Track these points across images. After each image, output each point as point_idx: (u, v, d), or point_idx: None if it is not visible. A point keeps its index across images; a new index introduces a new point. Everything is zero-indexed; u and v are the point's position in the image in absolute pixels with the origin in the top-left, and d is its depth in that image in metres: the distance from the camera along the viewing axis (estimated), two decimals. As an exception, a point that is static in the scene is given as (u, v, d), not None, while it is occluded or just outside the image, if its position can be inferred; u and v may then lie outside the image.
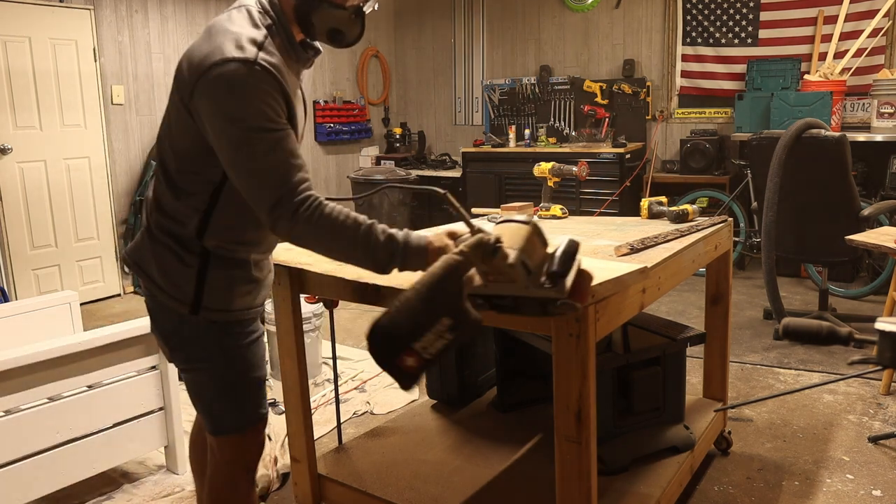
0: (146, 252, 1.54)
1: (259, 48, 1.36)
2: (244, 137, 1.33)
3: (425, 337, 1.19)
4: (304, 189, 1.37)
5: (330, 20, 1.45)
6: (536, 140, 6.47)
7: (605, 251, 1.98)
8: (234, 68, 1.32)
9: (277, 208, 1.35)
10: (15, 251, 4.66)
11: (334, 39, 1.49)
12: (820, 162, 3.69)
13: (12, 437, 2.13)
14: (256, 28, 1.40)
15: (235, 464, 1.62)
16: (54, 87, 4.79)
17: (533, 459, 2.26)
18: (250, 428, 1.61)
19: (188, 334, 1.54)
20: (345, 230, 1.37)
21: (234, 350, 1.56)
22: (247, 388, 1.59)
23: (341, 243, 1.39)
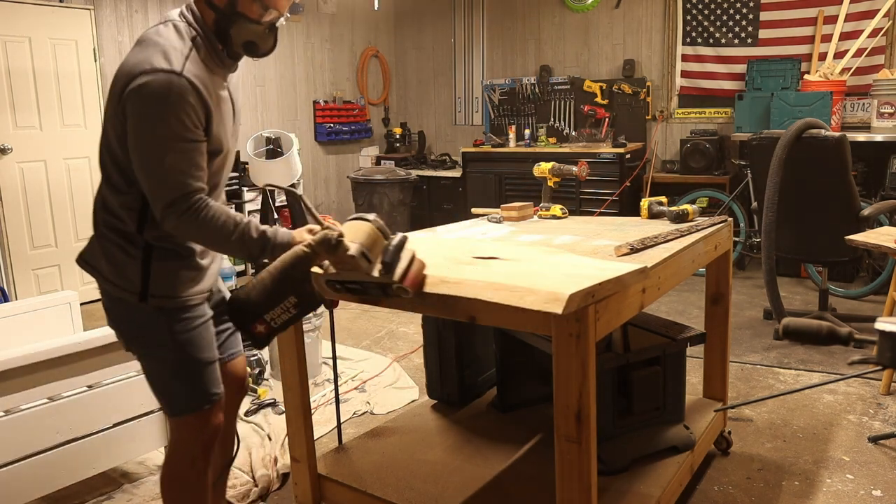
0: (96, 251, 1.68)
1: (185, 60, 1.52)
2: (158, 142, 1.49)
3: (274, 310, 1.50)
4: (196, 195, 1.54)
5: (246, 34, 1.61)
6: (536, 140, 6.47)
7: (605, 251, 1.98)
8: (161, 78, 1.48)
9: (169, 208, 1.52)
10: (15, 251, 4.66)
11: (249, 51, 1.65)
12: (820, 162, 3.69)
13: (12, 437, 2.13)
14: (182, 41, 1.56)
15: (193, 443, 1.73)
16: (54, 87, 4.79)
17: (533, 459, 2.26)
18: (205, 408, 1.72)
19: (140, 322, 1.67)
20: (223, 231, 1.55)
21: (184, 334, 1.66)
22: (198, 370, 1.70)
23: (219, 241, 1.57)
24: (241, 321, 1.54)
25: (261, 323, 1.53)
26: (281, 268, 1.50)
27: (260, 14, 1.60)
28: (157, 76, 1.48)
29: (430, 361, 2.78)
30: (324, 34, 6.81)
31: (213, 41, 1.61)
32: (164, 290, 1.63)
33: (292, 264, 1.49)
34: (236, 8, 1.58)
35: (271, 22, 1.63)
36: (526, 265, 1.78)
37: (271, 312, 1.51)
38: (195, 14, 1.62)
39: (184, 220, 1.52)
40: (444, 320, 2.66)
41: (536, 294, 1.44)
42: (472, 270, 1.68)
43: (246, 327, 1.54)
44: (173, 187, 1.51)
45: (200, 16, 1.61)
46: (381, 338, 4.16)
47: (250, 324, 1.53)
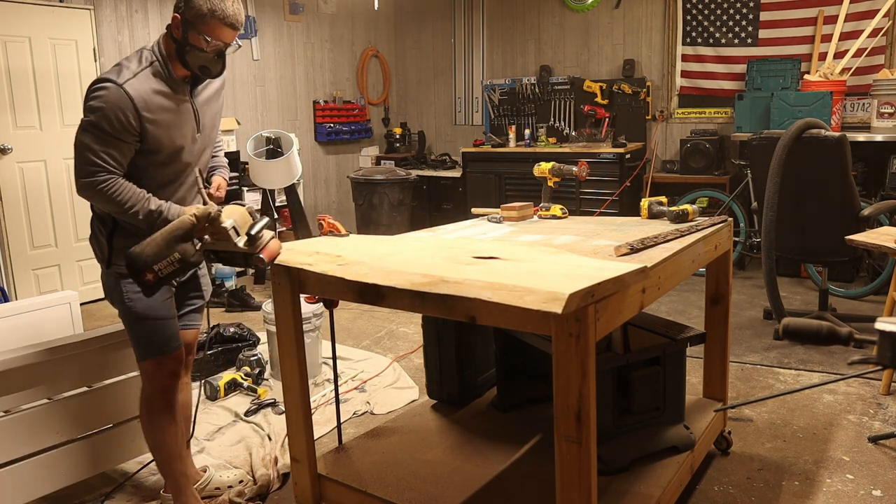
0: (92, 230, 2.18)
1: (132, 76, 1.95)
2: (89, 128, 1.92)
3: (161, 263, 1.84)
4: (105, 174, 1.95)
5: (198, 60, 2.01)
6: (536, 140, 6.47)
7: (605, 251, 1.98)
8: (106, 86, 1.93)
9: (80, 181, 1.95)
10: (15, 251, 4.66)
11: (203, 72, 2.05)
12: (820, 162, 3.69)
13: (12, 437, 2.13)
14: (139, 64, 1.99)
15: (151, 384, 2.16)
16: (54, 87, 4.79)
17: (533, 459, 2.26)
18: (157, 357, 2.13)
19: (110, 283, 2.14)
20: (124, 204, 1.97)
21: (134, 294, 2.09)
22: (152, 325, 2.12)
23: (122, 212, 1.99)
24: (136, 270, 1.85)
25: (150, 272, 1.85)
26: (170, 230, 1.88)
27: (205, 44, 1.98)
28: (105, 84, 1.92)
29: (430, 361, 2.78)
30: (324, 34, 6.81)
31: (169, 67, 2.03)
32: (120, 260, 2.01)
33: (179, 227, 1.88)
34: (188, 40, 1.98)
35: (217, 51, 2.01)
36: (526, 265, 1.78)
37: (159, 264, 1.85)
38: (159, 45, 2.05)
39: (92, 192, 1.95)
40: (444, 320, 2.65)
41: (536, 294, 1.44)
42: (472, 270, 1.68)
43: (138, 276, 1.85)
44: (84, 162, 1.93)
45: (164, 47, 2.04)
46: (381, 338, 4.16)
47: (142, 273, 1.85)
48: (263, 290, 5.20)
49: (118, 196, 1.98)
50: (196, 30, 1.96)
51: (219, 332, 3.68)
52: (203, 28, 1.95)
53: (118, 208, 1.99)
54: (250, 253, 1.91)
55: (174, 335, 2.17)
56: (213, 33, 1.96)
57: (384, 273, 1.73)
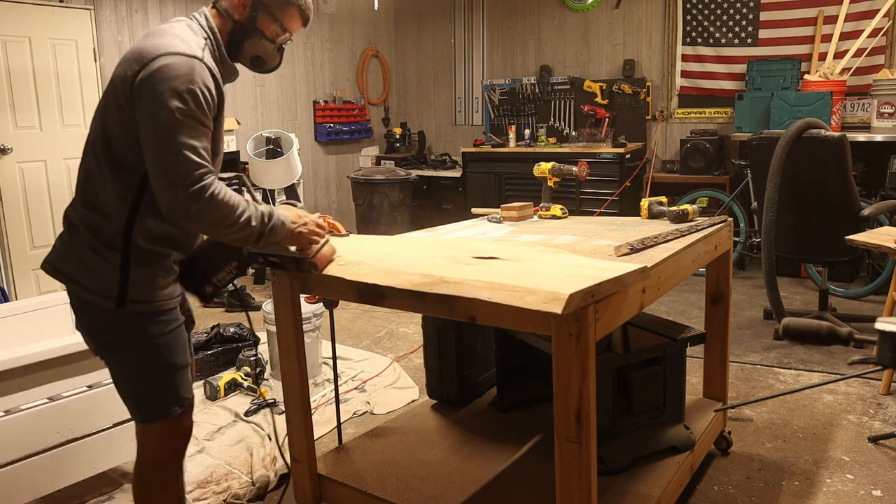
0: (68, 255, 1.66)
1: (202, 50, 1.58)
2: (176, 121, 1.48)
3: (219, 273, 1.76)
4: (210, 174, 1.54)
5: (257, 49, 1.70)
6: (536, 140, 6.47)
7: (605, 251, 1.98)
8: (180, 60, 1.51)
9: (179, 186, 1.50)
10: (15, 251, 4.66)
11: (255, 65, 1.74)
12: (820, 162, 3.69)
13: (12, 437, 2.13)
14: (196, 36, 1.61)
15: (164, 448, 1.74)
16: (54, 87, 4.79)
17: (533, 459, 2.26)
18: (176, 412, 1.72)
19: (114, 327, 1.66)
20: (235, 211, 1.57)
21: (160, 338, 1.67)
22: (172, 375, 1.70)
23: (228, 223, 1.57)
24: (192, 282, 1.75)
25: (209, 284, 1.76)
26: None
27: (276, 34, 1.70)
28: (178, 58, 1.51)
29: (430, 361, 2.78)
30: (324, 34, 6.81)
31: (221, 49, 1.67)
32: (142, 294, 1.63)
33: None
34: (255, 24, 1.67)
35: (281, 43, 1.74)
36: (526, 265, 1.78)
37: (218, 275, 1.76)
38: (207, 20, 1.68)
39: (202, 204, 1.51)
40: (444, 320, 2.65)
41: (536, 294, 1.44)
42: (472, 270, 1.68)
43: (197, 287, 1.75)
44: (189, 164, 1.50)
45: (214, 24, 1.68)
46: (381, 338, 4.16)
47: (201, 285, 1.76)
48: (263, 290, 5.20)
49: (230, 201, 1.56)
50: (270, 14, 1.67)
51: (219, 332, 3.68)
52: (279, 13, 1.68)
53: (226, 220, 1.57)
54: (302, 258, 1.79)
55: (190, 382, 1.79)
56: (289, 22, 1.70)
57: (384, 273, 1.73)
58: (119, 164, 1.59)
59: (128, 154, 1.58)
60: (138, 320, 1.64)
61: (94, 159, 1.63)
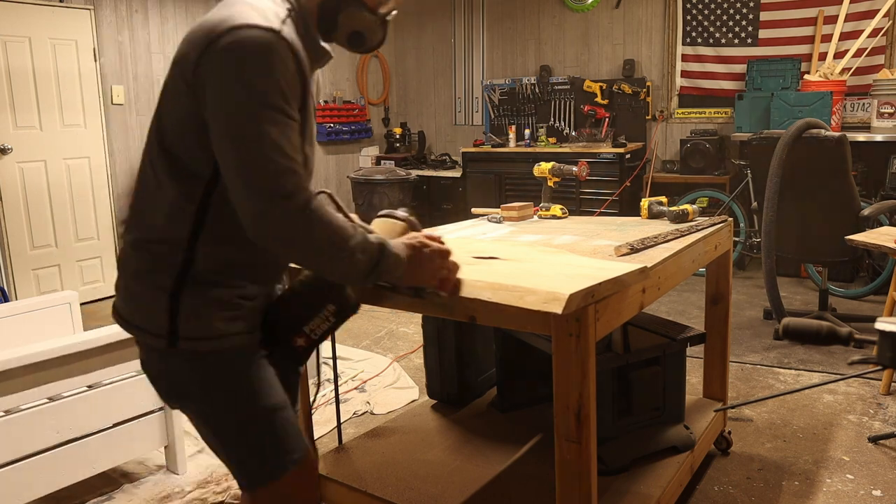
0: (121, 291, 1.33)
1: (281, 23, 1.21)
2: (252, 112, 1.15)
3: (313, 321, 1.34)
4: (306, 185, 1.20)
5: (356, 22, 1.34)
6: (536, 140, 6.47)
7: (605, 251, 1.98)
8: (257, 34, 1.16)
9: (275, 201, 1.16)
10: (15, 251, 4.66)
11: (353, 42, 1.38)
12: (820, 162, 3.69)
13: (12, 437, 2.13)
14: (275, 5, 1.25)
15: None
16: (54, 87, 4.79)
17: (533, 459, 2.26)
18: (290, 470, 1.32)
19: (175, 372, 1.30)
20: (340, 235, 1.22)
21: (234, 382, 1.30)
22: (266, 424, 1.31)
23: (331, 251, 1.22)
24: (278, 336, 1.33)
25: (300, 336, 1.33)
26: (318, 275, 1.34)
27: (378, 3, 1.35)
28: (252, 32, 1.16)
29: (430, 361, 2.78)
30: (324, 34, 6.81)
31: (308, 24, 1.31)
32: (197, 330, 1.26)
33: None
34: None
35: (386, 13, 1.38)
36: (526, 265, 1.78)
37: (311, 323, 1.33)
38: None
39: (294, 217, 1.17)
40: (444, 320, 2.65)
41: (536, 294, 1.44)
42: (472, 270, 1.68)
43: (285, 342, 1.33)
44: (280, 173, 1.16)
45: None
46: (381, 338, 4.16)
47: (290, 337, 1.33)
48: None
49: (336, 222, 1.21)
50: None
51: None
52: None
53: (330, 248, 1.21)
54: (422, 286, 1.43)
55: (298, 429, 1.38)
56: None
57: (384, 273, 1.73)
58: (177, 167, 1.25)
59: (188, 154, 1.24)
60: (201, 362, 1.28)
61: (149, 166, 1.30)
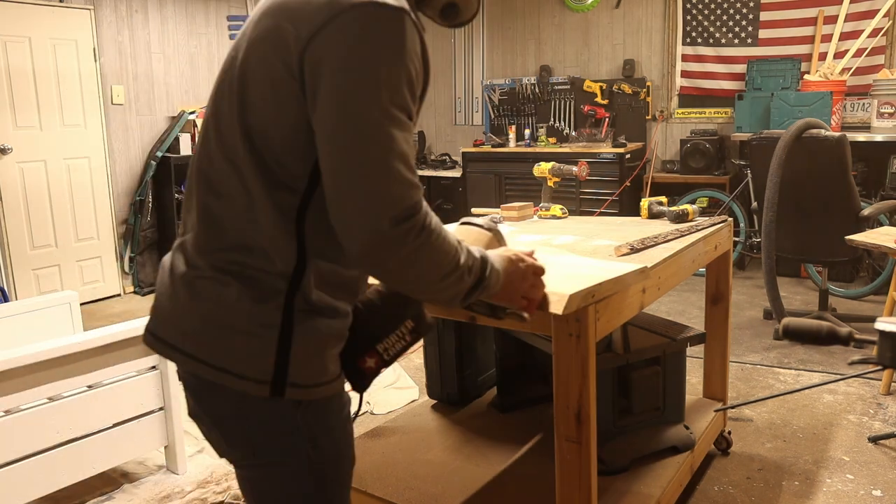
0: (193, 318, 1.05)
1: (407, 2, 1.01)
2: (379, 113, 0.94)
3: (389, 338, 1.15)
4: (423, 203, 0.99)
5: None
6: (536, 140, 6.47)
7: (605, 251, 1.98)
8: (385, 12, 0.95)
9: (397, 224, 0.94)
10: (15, 251, 4.66)
11: (447, 16, 1.24)
12: (820, 162, 3.69)
13: (12, 437, 2.13)
14: None
15: None
16: (54, 87, 4.79)
17: (533, 459, 2.26)
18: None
19: (261, 419, 1.07)
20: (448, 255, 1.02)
21: (330, 434, 1.12)
22: (343, 483, 1.17)
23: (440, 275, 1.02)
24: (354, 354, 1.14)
25: (371, 356, 1.15)
26: None
27: None
28: (384, 12, 0.95)
29: (430, 361, 2.78)
30: (324, 34, 6.81)
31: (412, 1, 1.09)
32: (311, 375, 1.06)
33: None
34: None
35: None
36: (526, 265, 1.77)
37: (385, 341, 1.15)
38: None
39: (410, 238, 0.96)
40: (444, 320, 2.65)
41: (536, 294, 1.44)
42: (472, 270, 1.68)
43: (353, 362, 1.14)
44: (401, 185, 0.95)
45: None
46: (381, 338, 4.16)
47: (360, 357, 1.15)
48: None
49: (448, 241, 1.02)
50: None
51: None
52: None
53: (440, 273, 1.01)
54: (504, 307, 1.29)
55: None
56: None
57: (384, 273, 1.73)
58: (274, 178, 1.02)
59: (290, 163, 1.02)
60: (300, 410, 1.07)
61: (234, 177, 1.04)
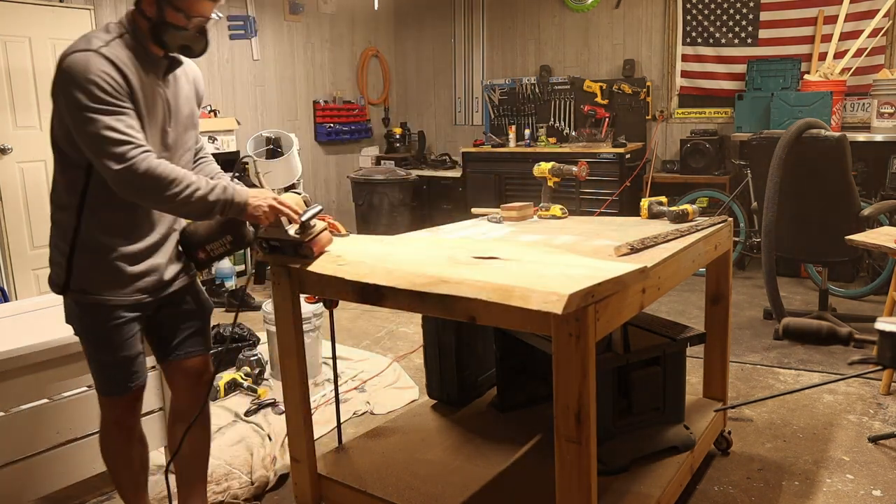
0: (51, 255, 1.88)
1: (104, 45, 1.69)
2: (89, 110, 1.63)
3: (213, 244, 1.91)
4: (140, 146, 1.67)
5: (178, 39, 1.77)
6: (536, 140, 6.47)
7: (605, 251, 1.98)
8: (78, 56, 1.66)
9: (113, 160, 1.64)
10: (15, 251, 4.66)
11: (185, 53, 1.83)
12: (820, 162, 3.69)
13: (12, 437, 2.13)
14: (107, 34, 1.74)
15: (107, 419, 1.99)
16: (54, 87, 4.79)
17: (533, 459, 2.26)
18: (112, 396, 1.93)
19: (66, 311, 1.90)
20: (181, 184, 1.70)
21: (92, 332, 1.86)
22: (111, 366, 1.88)
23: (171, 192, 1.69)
24: (188, 249, 1.92)
25: (202, 251, 1.91)
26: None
27: (185, 22, 1.76)
28: (75, 56, 1.66)
29: (430, 361, 2.78)
30: (324, 34, 6.81)
31: (142, 42, 1.77)
32: (79, 284, 1.81)
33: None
34: (165, 18, 1.74)
35: (198, 26, 1.79)
36: (526, 265, 1.78)
37: (211, 244, 1.90)
38: (128, 17, 1.80)
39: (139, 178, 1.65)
40: (444, 320, 2.65)
41: (536, 294, 1.44)
42: (472, 270, 1.68)
43: (191, 253, 1.92)
44: (111, 143, 1.64)
45: (135, 23, 1.78)
46: (381, 338, 4.16)
47: (195, 251, 1.91)
48: (263, 290, 5.20)
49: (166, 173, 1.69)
50: (173, 6, 1.73)
51: (219, 332, 3.68)
52: (181, 3, 1.74)
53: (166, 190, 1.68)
54: (299, 242, 1.88)
55: (132, 375, 1.91)
56: (193, 8, 1.75)
57: (384, 273, 1.73)
58: (65, 158, 1.77)
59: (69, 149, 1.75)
60: (77, 309, 1.84)
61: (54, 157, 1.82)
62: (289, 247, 1.91)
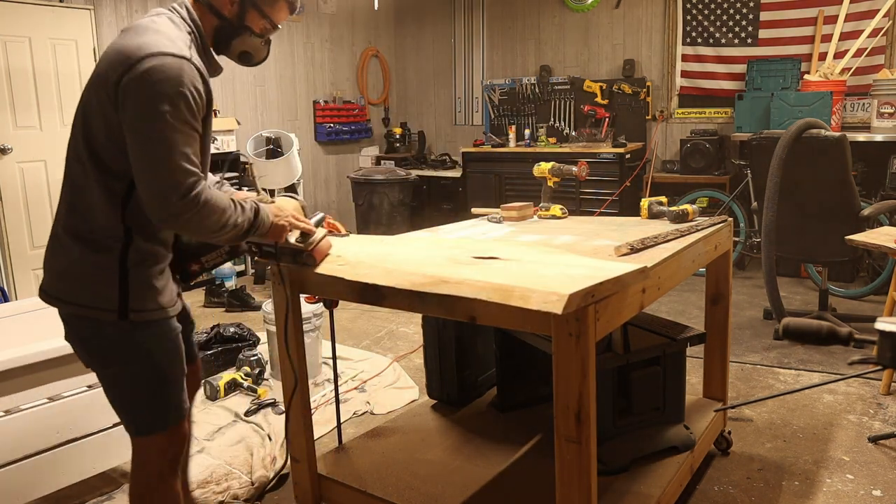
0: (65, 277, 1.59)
1: (189, 49, 1.50)
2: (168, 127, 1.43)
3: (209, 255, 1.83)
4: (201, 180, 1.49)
5: (246, 45, 1.68)
6: (536, 140, 6.47)
7: (605, 251, 1.98)
8: (171, 62, 1.44)
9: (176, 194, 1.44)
10: (15, 251, 4.66)
11: (242, 60, 1.72)
12: (820, 162, 3.69)
13: (12, 437, 2.13)
14: (180, 31, 1.54)
15: (160, 460, 1.68)
16: (54, 87, 4.79)
17: (533, 459, 2.26)
18: (176, 424, 1.68)
19: (112, 338, 1.59)
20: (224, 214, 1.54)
21: (162, 348, 1.63)
22: (172, 385, 1.66)
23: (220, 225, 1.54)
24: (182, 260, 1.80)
25: (196, 263, 1.83)
26: None
27: (264, 29, 1.68)
28: (166, 60, 1.43)
29: (430, 361, 2.78)
30: (324, 34, 6.81)
31: (205, 43, 1.62)
32: (144, 302, 1.58)
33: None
34: (244, 21, 1.63)
35: (268, 35, 1.72)
36: (526, 265, 1.78)
37: (207, 255, 1.82)
38: (190, 13, 1.60)
39: (196, 212, 1.47)
40: (444, 320, 2.66)
41: (536, 294, 1.44)
42: (472, 270, 1.68)
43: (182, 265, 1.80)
44: (181, 173, 1.44)
45: (197, 18, 1.61)
46: (381, 338, 4.16)
47: (188, 263, 1.81)
48: (263, 290, 5.20)
49: (219, 204, 1.52)
50: (259, 9, 1.62)
51: (219, 332, 3.68)
52: (269, 8, 1.63)
53: (216, 225, 1.53)
54: (300, 250, 1.81)
55: (186, 390, 1.73)
56: (277, 14, 1.66)
57: (384, 273, 1.73)
58: (106, 171, 1.55)
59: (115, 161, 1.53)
60: (139, 329, 1.59)
61: (79, 169, 1.59)
62: (288, 253, 1.84)
